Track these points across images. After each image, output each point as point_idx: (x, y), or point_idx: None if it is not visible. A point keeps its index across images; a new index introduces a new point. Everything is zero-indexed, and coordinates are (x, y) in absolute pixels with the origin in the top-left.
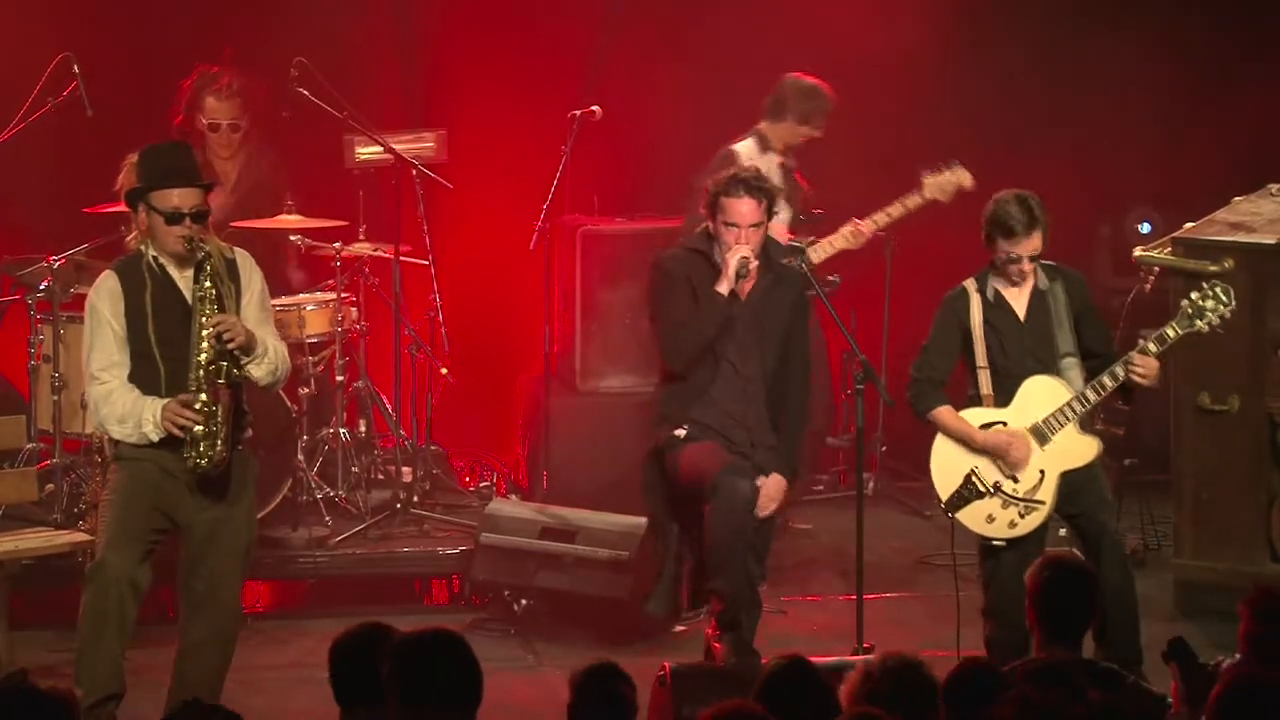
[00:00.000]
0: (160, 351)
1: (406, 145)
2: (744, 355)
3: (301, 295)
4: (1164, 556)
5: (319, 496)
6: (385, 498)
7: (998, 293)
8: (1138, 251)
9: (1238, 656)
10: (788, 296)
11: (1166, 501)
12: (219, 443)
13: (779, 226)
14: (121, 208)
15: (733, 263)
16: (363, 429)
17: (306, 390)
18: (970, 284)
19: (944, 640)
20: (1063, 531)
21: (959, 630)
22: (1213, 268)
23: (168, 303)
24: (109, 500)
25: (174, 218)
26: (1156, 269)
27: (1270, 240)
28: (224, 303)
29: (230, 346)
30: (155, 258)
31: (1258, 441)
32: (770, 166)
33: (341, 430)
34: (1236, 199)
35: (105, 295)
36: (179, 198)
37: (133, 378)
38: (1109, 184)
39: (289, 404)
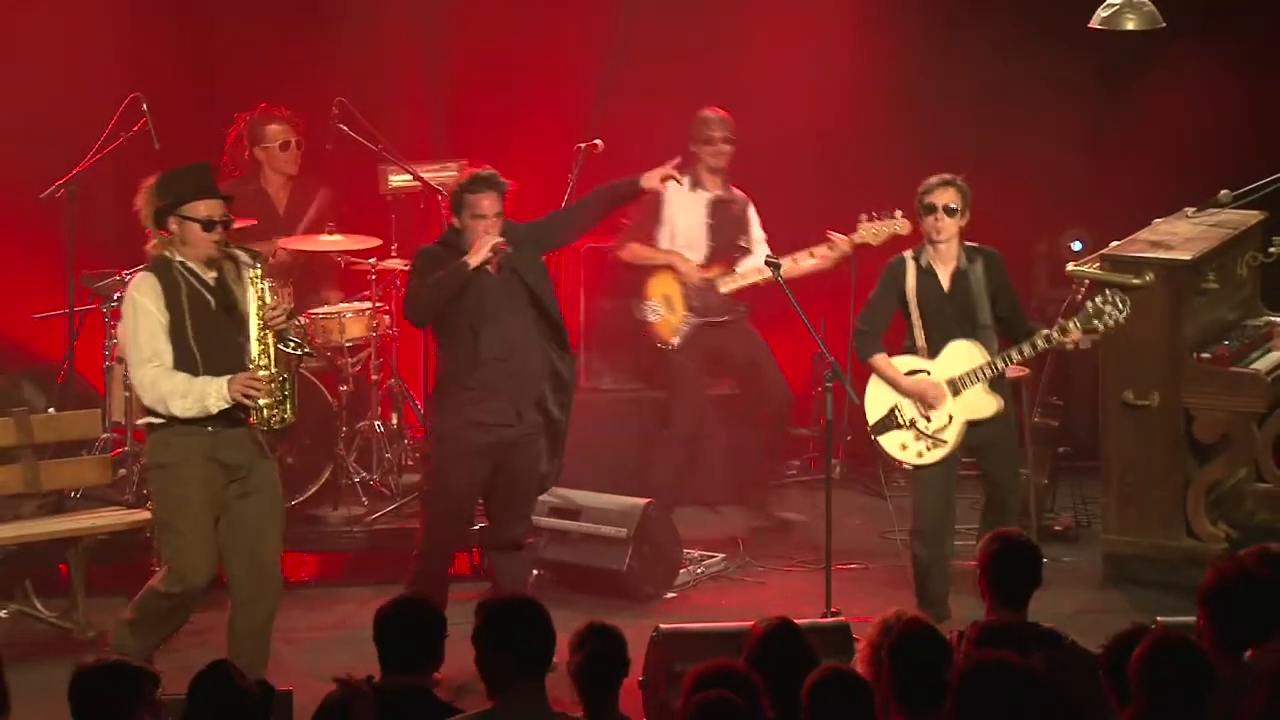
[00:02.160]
0: (196, 341)
1: (433, 174)
2: (501, 321)
3: (341, 305)
4: (1094, 532)
5: (356, 480)
6: (414, 481)
7: (929, 264)
8: (1070, 266)
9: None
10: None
11: (1096, 484)
12: (290, 406)
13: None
14: None
15: (487, 245)
16: (395, 421)
17: (346, 388)
18: (909, 254)
19: (900, 604)
20: None
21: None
22: (1135, 280)
23: (200, 300)
24: (175, 510)
25: (209, 225)
26: (1087, 281)
27: (1186, 256)
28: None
29: (280, 327)
30: (183, 262)
31: (1175, 432)
32: (699, 204)
33: (376, 422)
34: (1157, 220)
35: (148, 290)
36: (208, 208)
37: (175, 366)
38: (1046, 207)
39: (330, 399)
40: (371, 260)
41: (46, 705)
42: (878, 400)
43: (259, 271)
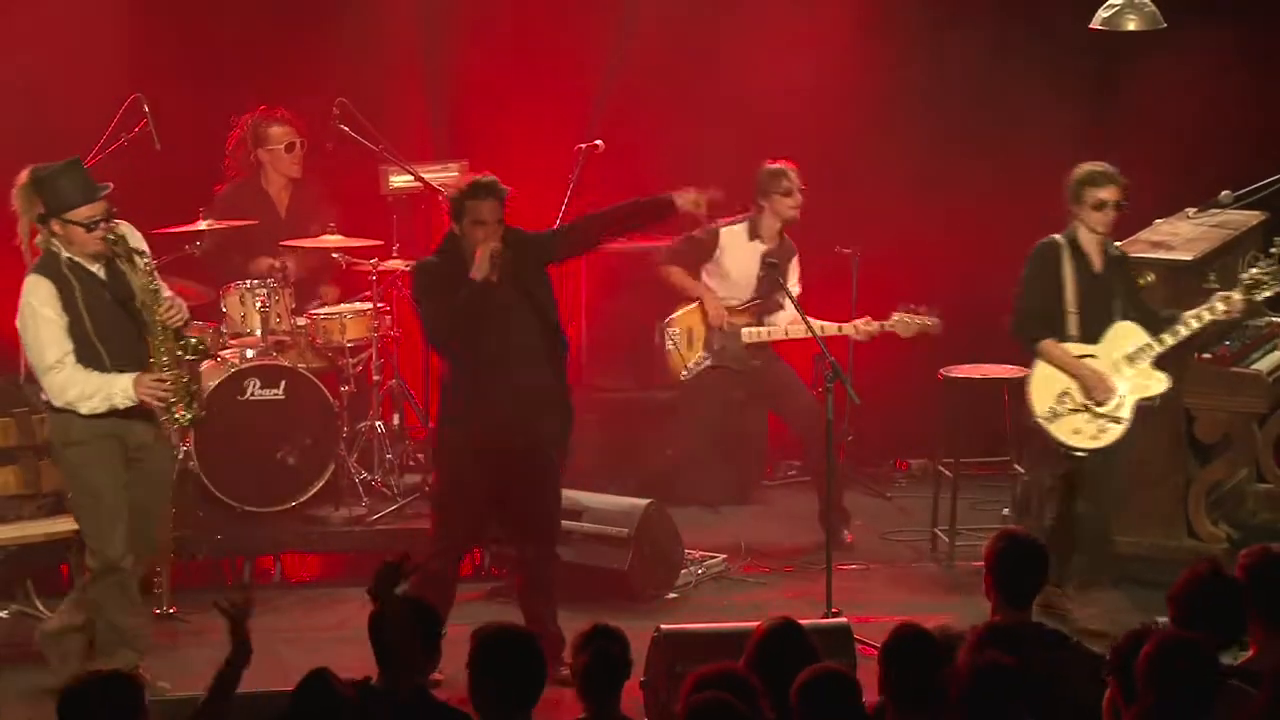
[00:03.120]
0: (98, 336)
1: (434, 174)
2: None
3: (343, 305)
4: None
5: (358, 480)
6: (415, 481)
7: (1084, 249)
8: None
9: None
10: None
11: None
12: (194, 402)
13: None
14: (183, 228)
15: (486, 253)
16: (396, 422)
17: (347, 388)
18: (1059, 238)
19: (901, 605)
20: (1006, 511)
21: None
22: (1137, 281)
23: (95, 294)
24: (82, 488)
25: (92, 227)
26: None
27: (1187, 257)
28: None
29: (178, 325)
30: (70, 258)
31: (1176, 433)
32: (754, 254)
33: (377, 423)
34: (1158, 221)
35: (43, 296)
36: (89, 211)
37: (79, 362)
38: (1048, 207)
39: (331, 400)
40: (373, 260)
41: (44, 706)
42: (1046, 387)
43: (146, 262)
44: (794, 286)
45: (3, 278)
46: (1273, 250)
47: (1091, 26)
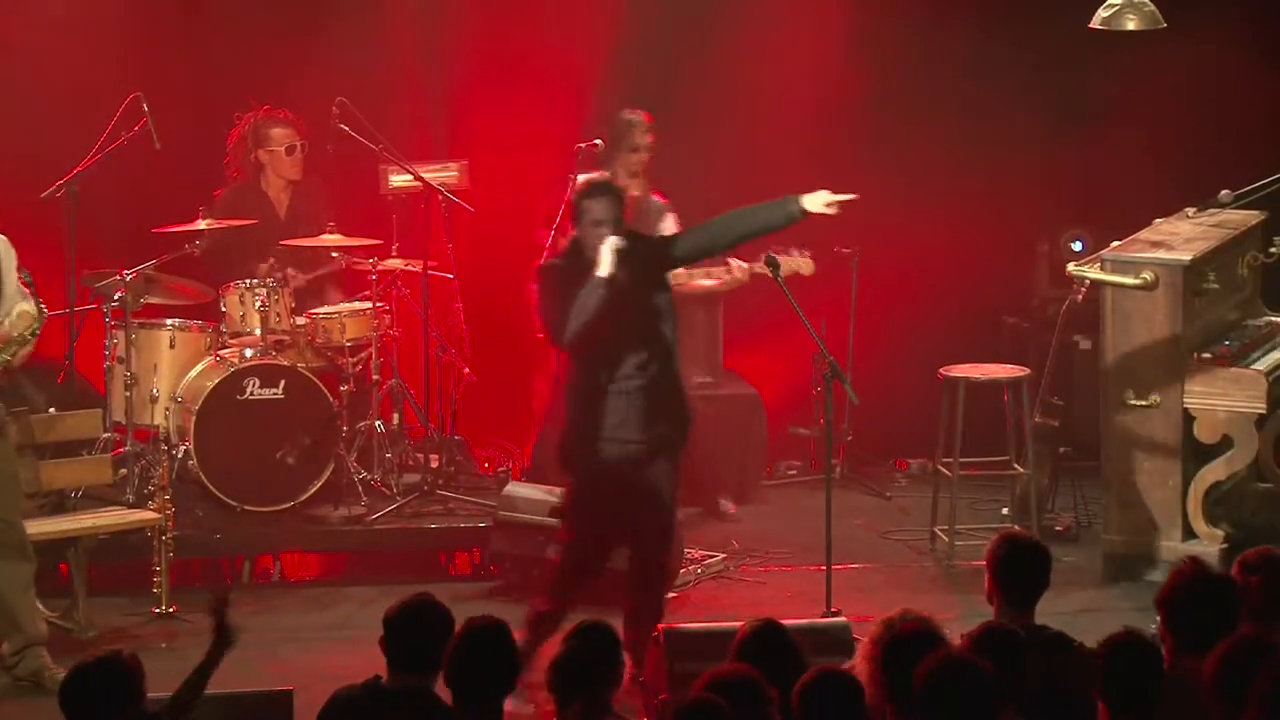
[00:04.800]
0: None
1: (434, 174)
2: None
3: (342, 305)
4: (1094, 532)
5: (357, 480)
6: (415, 481)
7: None
8: (1071, 266)
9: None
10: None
11: (1096, 484)
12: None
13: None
14: (183, 227)
15: (609, 249)
16: (395, 421)
17: (346, 387)
18: None
19: (902, 603)
20: (1005, 511)
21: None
22: (1135, 281)
23: None
24: None
25: None
26: (1088, 281)
27: (1186, 257)
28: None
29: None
30: None
31: (1174, 433)
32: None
33: (377, 422)
34: (1157, 220)
35: None
36: None
37: None
38: (1047, 206)
39: (331, 399)
40: (372, 260)
41: (43, 703)
42: None
43: None
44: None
45: None
46: (1272, 250)
47: (1091, 26)
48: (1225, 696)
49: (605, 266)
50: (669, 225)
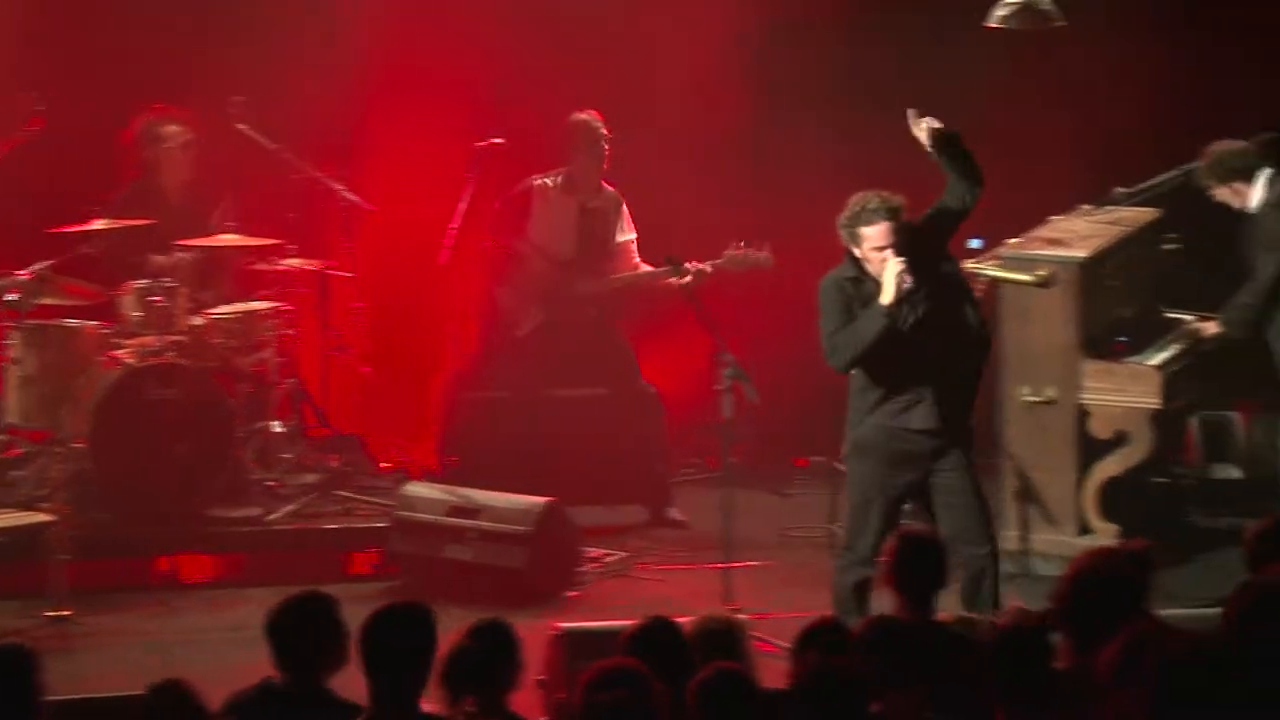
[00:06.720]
0: None
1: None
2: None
3: (239, 305)
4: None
5: (255, 480)
6: (313, 481)
7: None
8: (968, 263)
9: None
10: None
11: (995, 481)
12: None
13: None
14: (77, 228)
15: (892, 276)
16: (293, 421)
17: (244, 388)
18: None
19: (799, 602)
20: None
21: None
22: (1032, 278)
23: None
24: None
25: None
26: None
27: (1082, 254)
28: None
29: None
30: None
31: (1070, 429)
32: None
33: (275, 423)
34: (1053, 217)
35: None
36: None
37: None
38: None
39: (229, 399)
40: (271, 259)
41: None
42: None
43: None
44: (628, 234)
45: None
46: (1166, 247)
47: (986, 24)
48: (1123, 685)
49: (888, 294)
50: (624, 215)
